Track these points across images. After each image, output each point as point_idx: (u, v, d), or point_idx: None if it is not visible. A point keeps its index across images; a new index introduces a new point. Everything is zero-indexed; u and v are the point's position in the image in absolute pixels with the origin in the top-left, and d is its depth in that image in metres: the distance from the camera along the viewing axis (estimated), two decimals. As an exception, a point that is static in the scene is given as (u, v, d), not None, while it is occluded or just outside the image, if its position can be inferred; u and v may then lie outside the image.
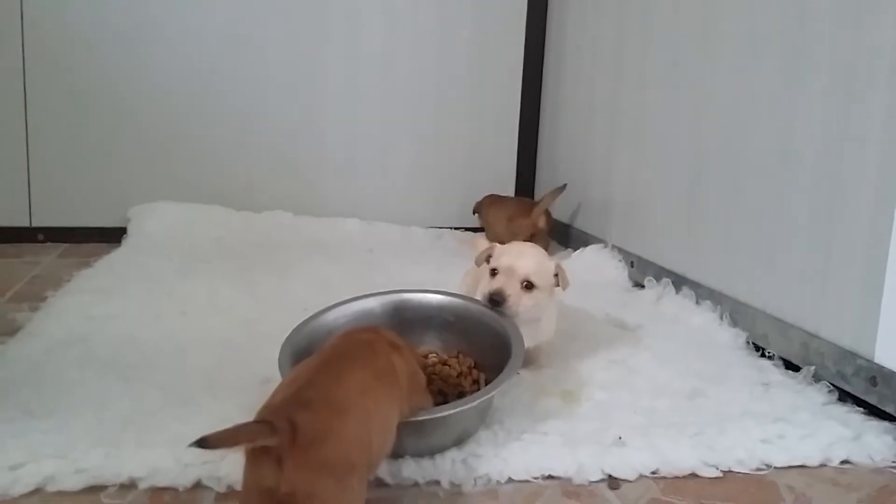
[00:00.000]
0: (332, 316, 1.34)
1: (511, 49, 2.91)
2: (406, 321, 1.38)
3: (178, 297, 1.82)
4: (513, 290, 1.36)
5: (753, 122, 1.69)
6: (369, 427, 0.88)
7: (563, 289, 1.44)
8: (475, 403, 1.11)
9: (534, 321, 1.41)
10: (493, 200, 2.76)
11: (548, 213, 2.54)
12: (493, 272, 1.40)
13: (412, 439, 1.08)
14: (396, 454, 1.07)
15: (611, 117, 2.40)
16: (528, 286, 1.38)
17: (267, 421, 0.81)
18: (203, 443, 0.75)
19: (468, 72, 2.87)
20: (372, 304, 1.39)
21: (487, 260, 1.45)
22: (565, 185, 2.52)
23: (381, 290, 1.42)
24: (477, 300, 1.40)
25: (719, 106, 1.82)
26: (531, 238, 2.36)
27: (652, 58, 2.15)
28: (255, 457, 0.81)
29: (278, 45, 2.69)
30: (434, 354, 1.35)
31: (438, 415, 1.08)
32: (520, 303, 1.36)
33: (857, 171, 1.39)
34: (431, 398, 1.13)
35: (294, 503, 0.79)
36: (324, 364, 0.95)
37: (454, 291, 1.45)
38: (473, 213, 2.84)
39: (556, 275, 1.42)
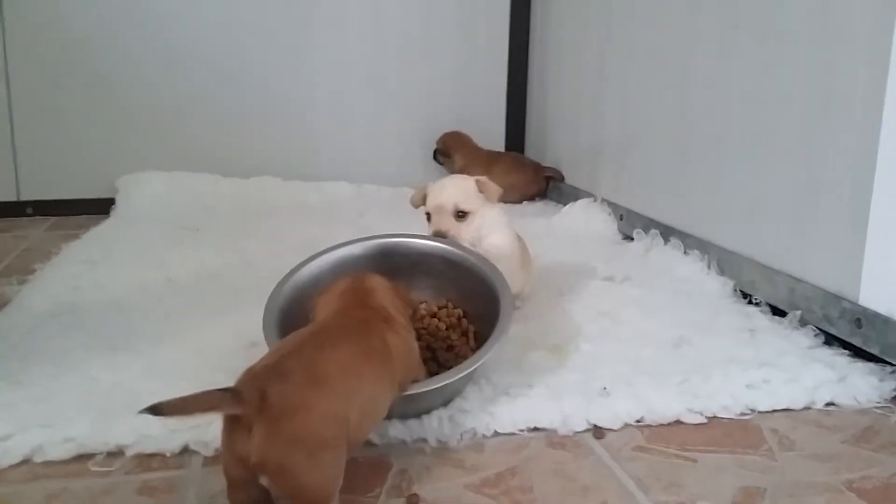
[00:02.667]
0: (312, 267, 1.32)
1: (498, 10, 2.87)
2: (394, 267, 1.35)
3: (166, 265, 1.82)
4: (450, 225, 1.39)
5: (739, 72, 1.67)
6: (349, 403, 0.86)
7: (491, 200, 1.44)
8: (464, 374, 1.09)
9: (490, 245, 1.43)
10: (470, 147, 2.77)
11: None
12: (428, 216, 1.44)
13: (400, 405, 1.06)
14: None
15: (598, 74, 2.38)
16: (461, 215, 1.40)
17: (233, 389, 0.80)
18: (156, 410, 0.75)
19: (456, 32, 2.84)
20: (355, 250, 1.36)
21: (424, 201, 1.46)
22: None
23: (365, 236, 1.39)
24: (464, 246, 1.38)
25: (705, 58, 1.81)
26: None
27: (639, 10, 2.12)
28: (229, 424, 0.81)
29: (265, 7, 2.65)
30: (424, 303, 1.34)
31: (428, 388, 1.06)
32: (460, 235, 1.39)
33: (840, 117, 1.38)
34: (425, 369, 1.11)
35: (266, 472, 0.80)
36: (312, 336, 0.94)
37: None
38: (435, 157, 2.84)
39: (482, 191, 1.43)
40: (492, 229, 1.45)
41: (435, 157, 2.84)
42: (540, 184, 2.72)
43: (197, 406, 0.78)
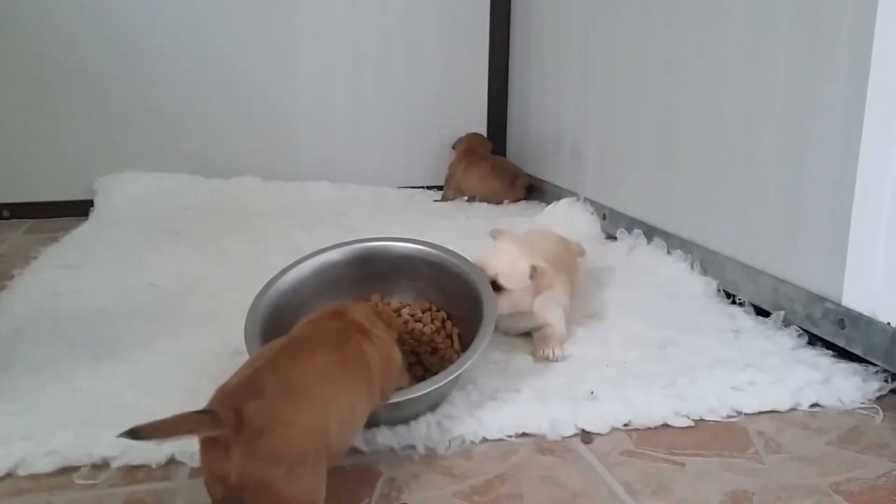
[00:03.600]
0: (293, 275, 1.31)
1: (478, 9, 2.87)
2: (376, 272, 1.36)
3: (148, 268, 1.80)
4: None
5: (723, 74, 1.68)
6: (327, 414, 0.85)
7: (536, 292, 1.38)
8: (448, 381, 1.09)
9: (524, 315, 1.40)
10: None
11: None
12: None
13: (386, 412, 1.07)
14: (370, 423, 1.06)
15: (581, 74, 2.38)
16: (497, 287, 1.34)
17: (209, 411, 0.79)
18: (134, 433, 0.74)
19: (436, 30, 2.83)
20: (335, 256, 1.36)
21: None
22: None
23: (345, 241, 1.38)
24: (448, 249, 1.36)
25: (690, 57, 1.81)
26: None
27: (622, 9, 2.13)
28: (206, 444, 0.80)
29: (244, 7, 2.63)
30: (407, 306, 1.34)
31: (412, 395, 1.06)
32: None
33: (822, 120, 1.39)
34: (408, 376, 1.10)
35: (247, 490, 0.79)
36: (286, 347, 0.93)
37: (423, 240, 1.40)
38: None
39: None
40: (545, 312, 1.41)
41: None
42: (518, 191, 2.70)
43: (174, 429, 0.77)
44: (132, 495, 0.96)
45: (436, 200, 2.71)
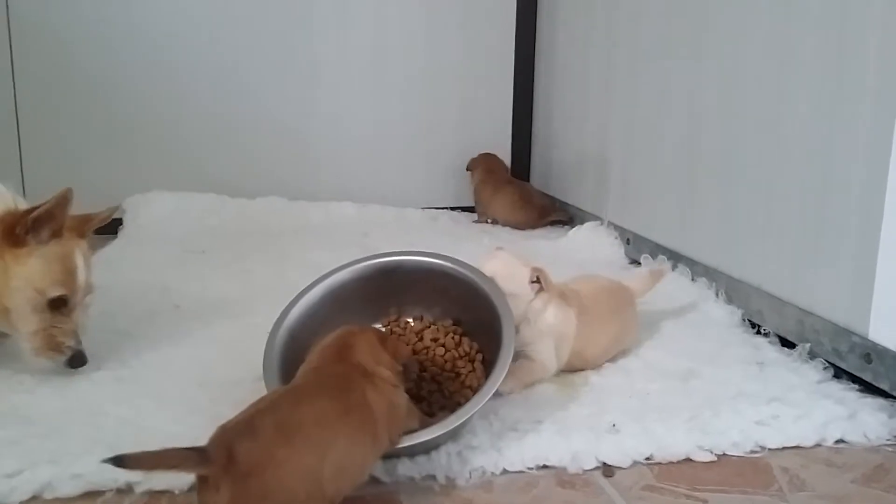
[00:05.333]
0: (310, 297, 1.32)
1: (503, 28, 2.88)
2: (396, 286, 1.34)
3: (173, 290, 1.82)
4: None
5: (748, 99, 1.67)
6: (322, 458, 0.84)
7: (547, 290, 1.35)
8: (462, 421, 1.07)
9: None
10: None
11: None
12: None
13: (405, 449, 1.06)
14: (390, 455, 1.05)
15: (605, 96, 2.38)
16: None
17: (198, 448, 0.79)
18: (119, 462, 0.74)
19: (460, 49, 2.84)
20: (349, 275, 1.35)
21: None
22: None
23: (358, 258, 1.37)
24: (466, 264, 1.32)
25: (714, 82, 1.81)
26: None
27: (646, 31, 2.13)
28: (201, 481, 0.80)
29: (270, 32, 2.66)
30: (429, 327, 1.32)
31: (428, 437, 1.05)
32: None
33: (849, 149, 1.38)
34: (418, 418, 1.08)
35: None
36: (289, 393, 0.93)
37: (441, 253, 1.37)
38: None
39: (537, 279, 1.34)
40: (539, 328, 1.36)
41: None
42: (543, 224, 2.66)
43: (160, 463, 0.78)
44: (155, 523, 0.97)
45: (475, 221, 2.72)
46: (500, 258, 1.37)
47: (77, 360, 1.31)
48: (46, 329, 1.29)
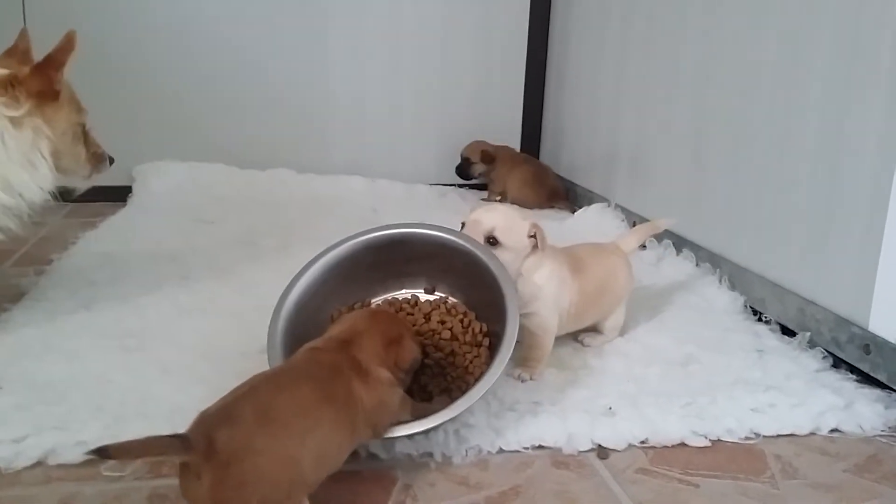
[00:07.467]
0: (318, 268, 1.30)
1: (518, 11, 2.86)
2: (405, 259, 1.32)
3: (181, 260, 1.84)
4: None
5: (757, 86, 1.67)
6: (302, 445, 0.84)
7: (542, 249, 1.33)
8: (460, 411, 1.06)
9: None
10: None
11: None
12: (462, 225, 1.34)
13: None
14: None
15: (616, 77, 2.37)
16: (493, 241, 1.30)
17: (181, 435, 0.80)
18: (103, 452, 0.75)
19: (474, 28, 2.83)
20: (359, 245, 1.32)
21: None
22: None
23: (365, 230, 1.35)
24: (473, 239, 1.29)
25: (723, 69, 1.80)
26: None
27: (658, 18, 2.12)
28: (183, 467, 0.81)
29: (283, 2, 2.65)
30: (437, 309, 1.28)
31: (430, 426, 1.04)
32: None
33: (857, 140, 1.38)
34: (409, 409, 1.04)
35: None
36: (272, 378, 0.93)
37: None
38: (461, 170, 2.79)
39: (534, 235, 1.32)
40: (538, 281, 1.34)
41: (460, 171, 2.78)
42: (545, 205, 2.65)
43: (143, 451, 0.79)
44: (156, 489, 0.99)
45: (483, 199, 2.71)
46: (500, 210, 1.35)
47: (111, 159, 1.56)
48: (89, 149, 1.50)
